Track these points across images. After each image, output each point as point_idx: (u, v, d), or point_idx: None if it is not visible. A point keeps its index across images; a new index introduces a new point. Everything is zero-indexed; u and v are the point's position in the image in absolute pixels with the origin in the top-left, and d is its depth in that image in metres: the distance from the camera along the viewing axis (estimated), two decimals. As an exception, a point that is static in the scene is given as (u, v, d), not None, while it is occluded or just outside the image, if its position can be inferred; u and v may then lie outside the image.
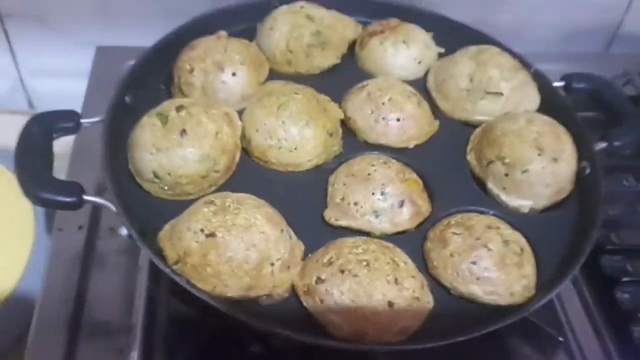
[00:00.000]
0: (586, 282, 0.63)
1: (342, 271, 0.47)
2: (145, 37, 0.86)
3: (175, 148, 0.54)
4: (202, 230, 0.48)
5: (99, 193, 0.55)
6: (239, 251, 0.47)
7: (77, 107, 0.90)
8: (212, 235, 0.48)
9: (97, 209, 0.65)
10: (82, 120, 0.57)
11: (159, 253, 0.49)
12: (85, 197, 0.51)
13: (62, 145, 0.82)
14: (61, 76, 0.92)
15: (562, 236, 0.56)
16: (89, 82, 0.81)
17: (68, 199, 0.50)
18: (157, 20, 0.87)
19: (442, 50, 0.72)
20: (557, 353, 0.57)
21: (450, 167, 0.61)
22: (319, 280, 0.48)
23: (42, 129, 0.55)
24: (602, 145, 0.62)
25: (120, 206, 0.50)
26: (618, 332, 0.60)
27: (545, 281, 0.52)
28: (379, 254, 0.49)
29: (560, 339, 0.56)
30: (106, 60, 0.83)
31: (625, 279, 0.61)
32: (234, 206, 0.50)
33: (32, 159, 0.52)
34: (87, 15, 0.86)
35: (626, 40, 1.00)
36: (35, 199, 0.50)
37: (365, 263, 0.48)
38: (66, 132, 0.57)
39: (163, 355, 0.54)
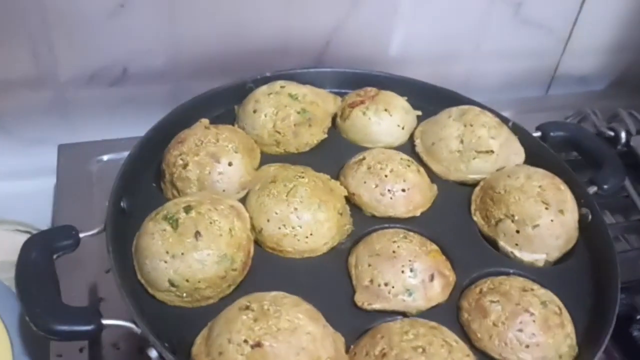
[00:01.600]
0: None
1: (400, 361, 0.45)
2: (105, 130, 0.84)
3: (191, 252, 0.51)
4: (246, 342, 0.45)
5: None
6: (289, 357, 0.45)
7: (39, 205, 0.87)
8: (258, 345, 0.44)
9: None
10: (82, 235, 0.53)
11: (199, 372, 0.46)
12: (105, 322, 0.46)
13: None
14: (13, 178, 0.86)
15: (582, 286, 0.57)
16: (57, 182, 0.77)
17: (88, 328, 0.46)
18: (115, 113, 0.85)
19: (419, 113, 0.73)
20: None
21: (459, 230, 0.61)
22: (375, 374, 0.46)
23: (41, 252, 0.50)
24: (593, 189, 0.65)
25: (146, 327, 0.46)
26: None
27: (583, 335, 0.53)
28: (431, 337, 0.47)
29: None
30: (70, 157, 0.78)
31: (638, 317, 0.63)
32: (274, 309, 0.47)
33: (37, 288, 0.47)
34: (44, 115, 0.81)
35: (562, 81, 1.08)
36: (50, 333, 0.45)
37: (421, 350, 0.46)
38: (66, 250, 0.52)
39: None
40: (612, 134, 0.84)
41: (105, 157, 0.79)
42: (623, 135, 0.84)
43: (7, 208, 0.87)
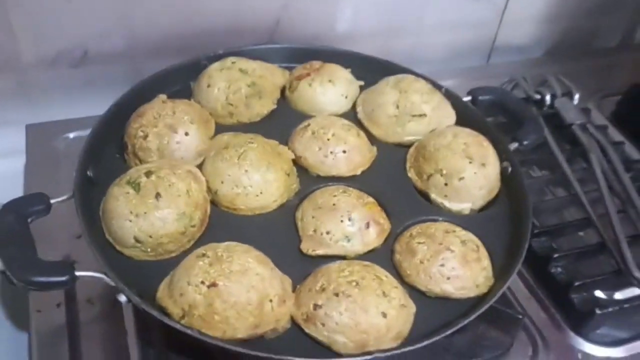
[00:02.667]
0: (523, 264, 0.73)
1: (337, 294, 0.53)
2: (69, 110, 0.88)
3: (153, 211, 0.57)
4: (202, 283, 0.52)
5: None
6: (241, 295, 0.52)
7: (10, 184, 0.91)
8: (214, 285, 0.51)
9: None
10: (52, 201, 0.58)
11: (163, 312, 0.52)
12: (78, 273, 0.53)
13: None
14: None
15: (501, 229, 0.65)
16: (26, 159, 0.81)
17: (62, 278, 0.52)
18: (78, 93, 0.90)
19: (362, 83, 0.80)
20: (518, 329, 0.66)
21: (396, 185, 0.69)
22: (316, 306, 0.53)
23: (15, 216, 0.55)
24: (515, 145, 0.73)
25: (115, 275, 0.53)
26: (559, 301, 0.70)
27: (500, 269, 0.61)
28: (364, 272, 0.55)
29: (520, 316, 0.64)
30: (37, 136, 0.83)
31: (555, 255, 0.71)
32: (226, 255, 0.54)
33: (15, 247, 0.53)
34: (9, 98, 0.86)
35: (502, 51, 1.15)
36: (29, 284, 0.51)
37: (354, 283, 0.53)
38: (39, 214, 0.57)
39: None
40: (539, 97, 0.92)
41: (71, 135, 0.83)
42: (548, 98, 0.91)
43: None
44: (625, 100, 0.98)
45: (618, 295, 0.70)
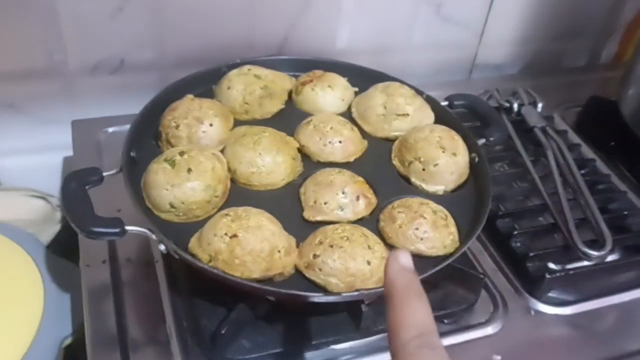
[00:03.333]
0: (488, 239, 0.87)
1: (331, 246, 0.66)
2: (106, 109, 1.03)
3: (185, 182, 0.71)
4: (226, 234, 0.65)
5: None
6: (256, 244, 0.65)
7: (50, 175, 1.05)
8: (235, 236, 0.65)
9: (112, 245, 0.80)
10: (104, 173, 0.73)
11: (194, 257, 0.66)
12: (127, 228, 0.66)
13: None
14: (27, 153, 1.05)
15: (468, 206, 0.78)
16: (73, 149, 0.95)
17: (116, 230, 0.66)
18: (115, 96, 1.04)
19: (356, 89, 0.94)
20: (480, 288, 0.79)
21: (382, 171, 0.82)
22: (315, 256, 0.67)
23: (77, 183, 0.70)
24: (482, 141, 0.86)
25: (157, 229, 0.67)
26: (517, 269, 0.83)
27: (464, 236, 0.74)
28: (353, 230, 0.69)
29: (482, 276, 0.78)
30: (81, 130, 0.97)
31: (515, 232, 0.85)
32: (245, 214, 0.68)
33: (78, 206, 0.67)
34: (55, 99, 1.00)
35: (481, 68, 1.30)
36: (90, 233, 0.65)
37: (346, 238, 0.67)
38: (95, 183, 0.71)
39: (194, 330, 0.71)
40: (508, 105, 1.07)
41: (110, 129, 0.98)
42: (515, 106, 1.06)
43: (23, 178, 1.06)
44: (584, 110, 1.13)
45: (567, 267, 0.84)
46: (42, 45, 0.95)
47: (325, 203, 0.74)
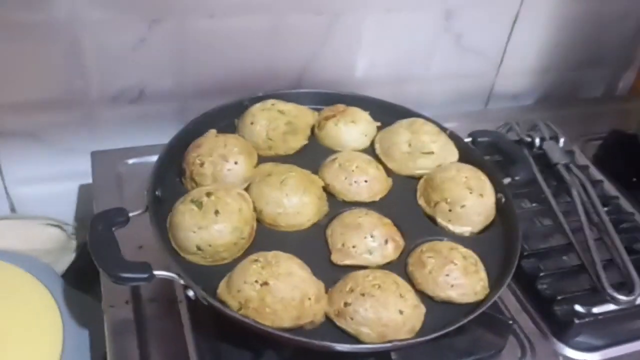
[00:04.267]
0: (514, 280, 0.86)
1: (363, 294, 0.66)
2: (125, 139, 1.02)
3: (212, 225, 0.70)
4: (256, 281, 0.64)
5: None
6: (287, 292, 0.64)
7: (59, 208, 1.04)
8: (266, 283, 0.64)
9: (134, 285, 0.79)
10: (130, 214, 0.72)
11: (224, 305, 0.65)
12: (156, 273, 0.65)
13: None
14: (44, 181, 1.04)
15: (496, 249, 0.77)
16: (93, 181, 0.94)
17: (144, 275, 0.64)
18: (133, 126, 1.04)
19: (379, 123, 0.94)
20: (509, 334, 0.78)
21: (408, 211, 0.81)
22: (346, 304, 0.66)
23: (103, 225, 0.69)
24: (508, 180, 0.86)
25: (186, 275, 0.65)
26: (544, 312, 0.82)
27: (494, 281, 0.73)
28: (385, 278, 0.68)
29: (510, 322, 0.77)
30: (101, 161, 0.96)
31: (542, 274, 0.84)
32: (275, 260, 0.67)
33: (105, 250, 0.66)
34: (74, 128, 1.00)
35: (498, 98, 1.30)
36: (118, 279, 0.64)
37: (377, 286, 0.66)
38: (121, 224, 0.70)
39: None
40: (529, 139, 1.06)
41: (130, 161, 0.97)
42: (537, 141, 1.05)
43: (38, 206, 1.05)
44: (605, 144, 1.13)
45: (594, 310, 0.83)
46: (64, 74, 0.94)
47: (353, 247, 0.73)
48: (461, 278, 0.70)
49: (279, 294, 0.64)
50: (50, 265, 0.99)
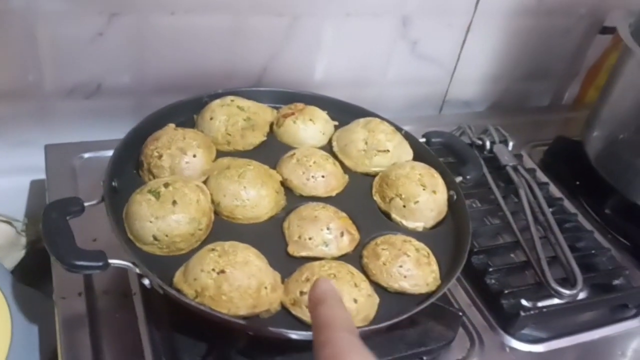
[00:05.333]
0: (463, 274, 0.89)
1: (318, 283, 0.67)
2: (81, 133, 1.01)
3: (170, 215, 0.70)
4: (213, 270, 0.65)
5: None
6: (243, 280, 0.65)
7: (8, 203, 1.02)
8: (222, 272, 0.64)
9: (88, 276, 0.78)
10: (86, 204, 0.71)
11: (180, 292, 0.65)
12: (110, 261, 0.65)
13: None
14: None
15: (447, 244, 0.80)
16: (47, 174, 0.92)
17: (99, 263, 0.64)
18: (90, 121, 1.03)
19: (336, 123, 0.95)
20: (458, 326, 0.80)
21: (364, 206, 0.83)
22: (302, 293, 0.67)
23: (58, 213, 0.68)
24: (459, 179, 0.89)
25: (142, 263, 0.65)
26: (492, 305, 0.85)
27: (445, 274, 0.76)
28: (340, 268, 0.69)
29: (460, 313, 0.79)
30: (55, 155, 0.94)
31: (490, 269, 0.87)
32: (232, 249, 0.67)
33: (59, 238, 0.65)
34: (28, 121, 0.98)
35: (451, 104, 1.34)
36: (72, 267, 0.63)
37: (333, 275, 0.68)
38: (75, 213, 0.70)
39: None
40: (480, 142, 1.10)
41: (85, 155, 0.96)
42: (488, 144, 1.09)
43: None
44: (551, 149, 1.18)
45: (539, 303, 0.86)
46: (17, 65, 0.92)
47: (309, 238, 0.74)
48: (414, 269, 0.73)
49: (235, 282, 0.64)
50: (-1, 261, 0.97)
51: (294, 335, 0.64)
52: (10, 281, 0.89)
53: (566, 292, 0.83)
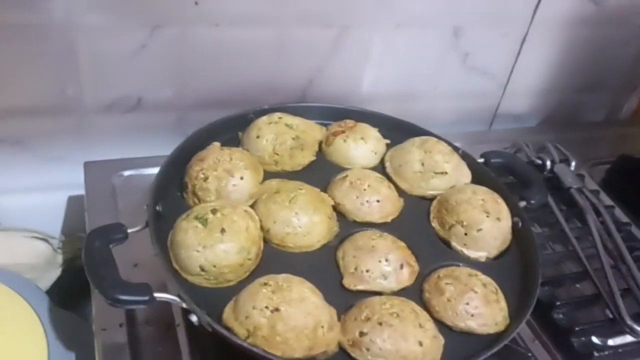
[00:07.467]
0: (529, 310, 0.82)
1: (380, 323, 0.61)
2: (119, 150, 0.97)
3: (218, 244, 0.65)
4: (267, 307, 0.59)
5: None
6: (299, 320, 0.59)
7: (45, 220, 0.99)
8: (277, 310, 0.59)
9: (129, 308, 0.73)
10: (129, 230, 0.66)
11: (230, 331, 0.60)
12: (156, 295, 0.60)
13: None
14: (30, 191, 0.98)
15: (514, 275, 0.74)
16: (86, 193, 0.88)
17: (144, 298, 0.59)
18: (129, 136, 0.99)
19: (388, 141, 0.90)
20: (526, 367, 0.74)
21: (421, 233, 0.77)
22: (362, 333, 0.61)
23: (101, 242, 0.63)
24: (523, 203, 0.82)
25: (189, 298, 0.60)
26: (561, 344, 0.78)
27: (513, 311, 0.70)
28: (403, 306, 0.63)
29: (529, 354, 0.73)
30: (95, 172, 0.91)
31: (558, 303, 0.81)
32: (286, 284, 0.62)
33: (102, 269, 0.61)
34: (66, 136, 0.94)
35: (502, 119, 1.27)
36: (115, 302, 0.59)
37: (395, 315, 0.62)
38: (119, 241, 0.65)
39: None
40: (540, 162, 1.03)
41: (125, 173, 0.92)
42: (548, 163, 1.03)
43: (24, 218, 0.99)
44: (613, 168, 1.11)
45: (611, 342, 0.79)
46: (57, 80, 0.89)
47: (367, 271, 0.69)
48: (482, 307, 0.66)
49: (291, 321, 0.59)
50: (35, 280, 0.93)
51: (355, 381, 0.58)
52: (46, 304, 0.85)
53: (643, 330, 0.76)
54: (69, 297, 0.95)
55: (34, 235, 0.98)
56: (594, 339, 0.78)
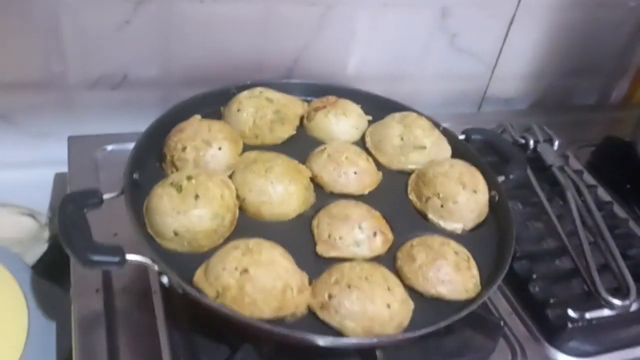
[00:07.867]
0: (505, 282, 0.82)
1: (349, 286, 0.62)
2: (105, 125, 0.98)
3: (192, 210, 0.66)
4: (236, 269, 0.60)
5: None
6: (268, 281, 0.60)
7: (39, 191, 1.00)
8: (246, 271, 0.60)
9: (107, 272, 0.74)
10: (105, 196, 0.67)
11: (200, 292, 0.61)
12: (128, 257, 0.61)
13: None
14: (16, 167, 0.99)
15: (489, 247, 0.74)
16: (69, 166, 0.89)
17: (115, 259, 0.60)
18: (115, 113, 1.00)
19: (370, 117, 0.90)
20: (499, 336, 0.74)
21: (398, 205, 0.78)
22: (331, 296, 0.62)
23: (75, 206, 0.64)
24: (502, 178, 0.83)
25: (161, 260, 0.61)
26: (536, 315, 0.79)
27: (485, 280, 0.70)
28: (372, 270, 0.64)
29: (502, 323, 0.73)
30: (79, 147, 0.92)
31: (534, 276, 0.81)
32: (257, 248, 0.63)
33: (75, 231, 0.62)
34: (51, 112, 0.95)
35: (491, 101, 1.27)
36: (87, 263, 0.59)
37: (364, 278, 0.62)
38: (93, 206, 0.66)
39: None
40: (523, 141, 1.04)
41: (109, 147, 0.93)
42: (531, 142, 1.03)
43: (10, 194, 1.00)
44: (599, 150, 1.11)
45: (588, 315, 0.79)
46: (42, 55, 0.90)
47: (340, 238, 0.69)
48: (452, 274, 0.67)
49: (259, 283, 0.60)
50: (21, 255, 0.94)
51: (321, 341, 0.59)
52: (29, 276, 0.86)
53: (618, 302, 0.77)
54: (55, 272, 0.96)
55: (20, 211, 0.99)
56: (570, 312, 0.78)
